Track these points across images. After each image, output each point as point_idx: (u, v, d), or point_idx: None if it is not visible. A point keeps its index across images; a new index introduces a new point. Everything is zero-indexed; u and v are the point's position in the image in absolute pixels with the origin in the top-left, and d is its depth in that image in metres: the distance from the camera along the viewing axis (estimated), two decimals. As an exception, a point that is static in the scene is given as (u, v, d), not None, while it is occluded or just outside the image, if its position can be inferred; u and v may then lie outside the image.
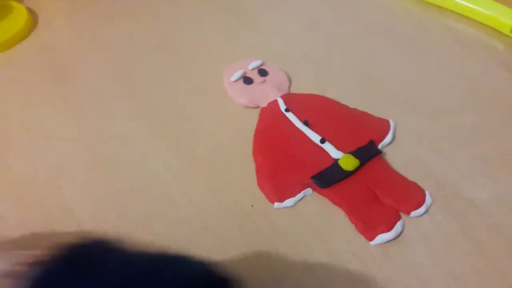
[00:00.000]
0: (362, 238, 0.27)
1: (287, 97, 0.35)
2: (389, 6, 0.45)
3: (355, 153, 0.30)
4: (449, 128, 0.33)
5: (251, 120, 0.34)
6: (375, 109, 0.34)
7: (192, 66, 0.40)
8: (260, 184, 0.30)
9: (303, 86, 0.37)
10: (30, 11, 0.47)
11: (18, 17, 0.46)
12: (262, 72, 0.37)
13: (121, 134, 0.34)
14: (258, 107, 0.35)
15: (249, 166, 0.31)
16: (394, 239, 0.27)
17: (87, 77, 0.40)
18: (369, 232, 0.27)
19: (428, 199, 0.28)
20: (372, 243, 0.27)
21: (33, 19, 0.47)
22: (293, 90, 0.37)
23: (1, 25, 0.45)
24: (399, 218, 0.28)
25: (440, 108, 0.35)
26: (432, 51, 0.40)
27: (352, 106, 0.35)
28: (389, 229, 0.27)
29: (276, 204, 0.29)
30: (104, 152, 0.33)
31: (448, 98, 0.36)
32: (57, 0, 0.49)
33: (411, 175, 0.30)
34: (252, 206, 0.29)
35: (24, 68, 0.41)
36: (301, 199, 0.29)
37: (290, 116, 0.34)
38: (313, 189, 0.30)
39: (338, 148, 0.31)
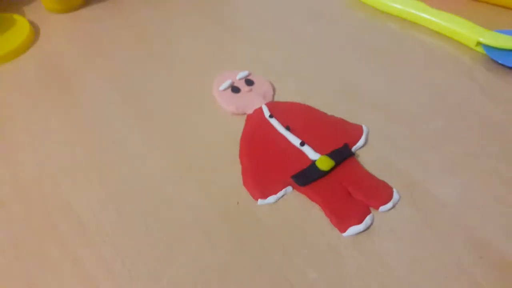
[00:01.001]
0: (336, 230, 0.30)
1: (271, 105, 0.38)
2: (368, 22, 0.49)
3: (331, 155, 0.33)
4: (419, 133, 0.37)
5: (238, 126, 0.38)
6: (351, 116, 0.38)
7: (185, 76, 0.43)
8: (246, 183, 0.33)
9: (286, 94, 0.40)
10: (32, 24, 0.51)
11: (21, 30, 0.49)
12: (249, 82, 0.41)
13: (118, 139, 0.37)
14: (244, 114, 0.39)
15: (236, 167, 0.35)
16: (364, 231, 0.30)
17: (87, 86, 0.43)
18: (342, 224, 0.30)
19: (395, 195, 0.32)
20: (344, 234, 0.30)
21: (35, 32, 0.50)
22: (277, 98, 0.40)
23: (5, 37, 0.48)
24: (369, 212, 0.31)
25: (411, 114, 0.38)
26: (405, 62, 0.43)
27: (330, 113, 0.38)
28: (359, 222, 0.30)
29: (260, 201, 0.32)
30: (103, 155, 0.36)
31: (418, 105, 0.39)
32: (57, 13, 0.52)
33: (381, 175, 0.33)
34: (238, 203, 0.32)
35: (27, 78, 0.44)
36: (282, 196, 0.32)
37: (274, 122, 0.37)
38: (293, 187, 0.33)
39: (316, 150, 0.34)
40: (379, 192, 0.32)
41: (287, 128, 0.36)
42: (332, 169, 0.33)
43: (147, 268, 0.29)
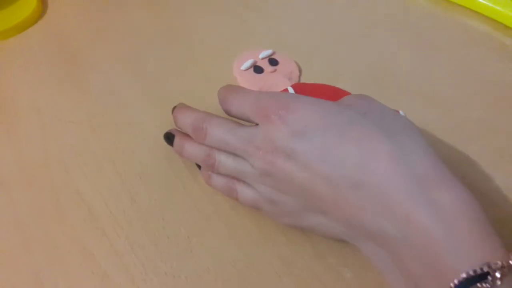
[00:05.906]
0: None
1: (297, 86, 0.35)
2: (403, 1, 0.45)
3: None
4: (459, 121, 0.33)
5: (262, 109, 0.34)
6: (384, 100, 0.34)
7: (203, 54, 0.40)
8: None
9: (314, 76, 0.37)
10: (40, -4, 0.47)
11: (28, 2, 0.46)
12: (273, 62, 0.38)
13: (132, 122, 0.35)
14: (268, 96, 0.35)
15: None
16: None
17: (96, 62, 0.40)
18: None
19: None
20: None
21: (43, 4, 0.47)
22: (303, 80, 0.37)
23: (11, 9, 0.45)
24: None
25: (450, 101, 0.35)
26: (443, 46, 0.40)
27: (362, 97, 0.35)
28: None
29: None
30: (115, 138, 0.33)
31: (458, 91, 0.36)
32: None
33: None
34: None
35: (34, 53, 0.41)
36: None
37: (301, 105, 0.34)
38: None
39: (348, 137, 0.31)
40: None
41: (316, 112, 0.33)
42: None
43: (164, 263, 0.26)
